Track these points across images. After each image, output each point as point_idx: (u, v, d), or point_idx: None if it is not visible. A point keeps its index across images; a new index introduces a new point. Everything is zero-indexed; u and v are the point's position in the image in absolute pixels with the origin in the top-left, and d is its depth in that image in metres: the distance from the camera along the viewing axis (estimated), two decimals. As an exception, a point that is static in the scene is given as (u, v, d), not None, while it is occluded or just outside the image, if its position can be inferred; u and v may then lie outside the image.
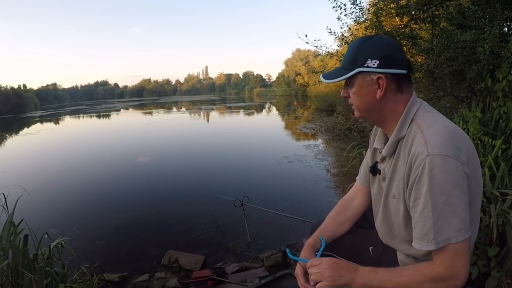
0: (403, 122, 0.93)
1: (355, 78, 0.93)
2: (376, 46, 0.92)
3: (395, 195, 0.95)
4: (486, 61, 2.80)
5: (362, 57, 0.91)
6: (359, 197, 1.22)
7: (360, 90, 0.94)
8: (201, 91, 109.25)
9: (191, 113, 24.34)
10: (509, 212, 1.68)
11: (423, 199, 0.82)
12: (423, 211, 0.82)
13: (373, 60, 0.90)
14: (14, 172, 6.85)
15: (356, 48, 0.94)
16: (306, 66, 47.33)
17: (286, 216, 3.38)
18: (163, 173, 6.29)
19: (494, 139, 2.33)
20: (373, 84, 0.92)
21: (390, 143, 0.96)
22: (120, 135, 13.21)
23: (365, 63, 0.91)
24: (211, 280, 2.31)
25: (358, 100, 0.96)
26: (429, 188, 0.80)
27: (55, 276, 1.84)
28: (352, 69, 0.92)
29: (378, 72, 0.90)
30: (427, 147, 0.82)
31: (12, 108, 41.74)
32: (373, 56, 0.90)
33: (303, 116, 17.23)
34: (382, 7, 4.08)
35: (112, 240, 3.42)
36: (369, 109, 0.96)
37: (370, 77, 0.91)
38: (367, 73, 0.91)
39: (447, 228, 0.79)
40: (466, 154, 0.83)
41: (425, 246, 0.82)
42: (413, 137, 0.89)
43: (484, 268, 1.76)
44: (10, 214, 1.90)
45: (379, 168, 1.06)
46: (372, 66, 0.90)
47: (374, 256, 1.12)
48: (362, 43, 0.93)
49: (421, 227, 0.83)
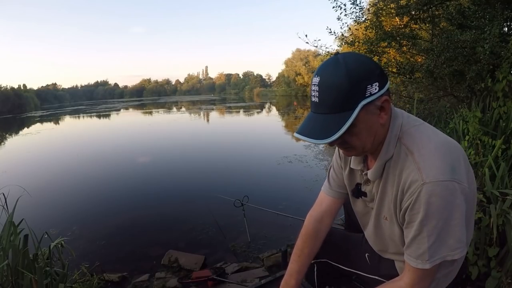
0: (389, 142, 0.83)
1: (358, 117, 0.74)
2: (363, 66, 0.75)
3: (387, 217, 0.90)
4: (486, 61, 2.80)
5: (360, 86, 0.73)
6: (328, 217, 1.11)
7: (366, 125, 0.77)
8: (201, 91, 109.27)
9: (191, 113, 24.34)
10: (509, 212, 1.68)
11: (418, 226, 0.77)
12: (418, 236, 0.78)
13: (373, 84, 0.74)
14: (14, 172, 6.84)
15: (344, 78, 0.73)
16: (306, 66, 47.39)
17: (286, 216, 3.38)
18: (163, 173, 6.29)
19: (494, 139, 2.33)
20: (377, 111, 0.77)
21: (377, 166, 0.86)
22: (120, 135, 13.21)
23: (366, 91, 0.73)
24: (211, 280, 2.31)
25: (365, 137, 0.79)
26: (425, 216, 0.75)
27: (55, 276, 1.84)
28: (353, 108, 0.73)
29: (382, 95, 0.76)
30: (421, 174, 0.75)
31: (12, 108, 41.79)
32: (371, 79, 0.74)
33: (303, 116, 17.21)
34: (382, 7, 4.08)
35: (112, 240, 3.42)
36: (375, 140, 0.82)
37: (374, 105, 0.76)
38: (371, 102, 0.75)
39: (443, 247, 0.77)
40: (463, 169, 0.78)
41: (420, 265, 0.79)
42: (403, 160, 0.81)
43: (484, 268, 1.75)
44: (10, 214, 1.90)
45: (363, 190, 0.97)
46: (375, 91, 0.74)
47: (371, 262, 1.10)
48: (346, 70, 0.73)
49: (416, 249, 0.79)
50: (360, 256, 1.13)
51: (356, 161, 0.96)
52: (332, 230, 1.24)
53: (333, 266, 1.20)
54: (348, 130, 0.74)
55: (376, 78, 0.75)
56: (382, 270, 1.07)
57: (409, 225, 0.81)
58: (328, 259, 1.21)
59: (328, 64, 0.77)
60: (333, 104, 0.74)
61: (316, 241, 1.10)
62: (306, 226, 1.12)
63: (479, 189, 1.91)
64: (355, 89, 0.73)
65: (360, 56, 0.79)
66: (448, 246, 0.77)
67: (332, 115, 0.74)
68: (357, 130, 0.77)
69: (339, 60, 0.75)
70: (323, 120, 0.76)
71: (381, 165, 0.86)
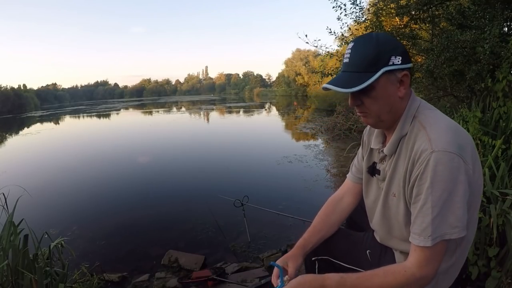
0: (405, 119, 0.90)
1: (378, 81, 0.84)
2: (391, 42, 0.86)
3: (395, 193, 0.94)
4: (486, 61, 2.80)
5: (385, 55, 0.83)
6: (349, 196, 1.20)
7: (384, 92, 0.86)
8: (201, 91, 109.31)
9: (191, 113, 24.34)
10: (509, 212, 1.68)
11: (424, 195, 0.81)
12: (423, 207, 0.81)
13: (397, 57, 0.84)
14: (14, 172, 6.85)
15: (373, 47, 0.84)
16: (306, 66, 47.35)
17: (286, 216, 3.38)
18: (163, 173, 6.30)
19: (494, 139, 2.33)
20: (397, 83, 0.86)
21: (392, 141, 0.93)
22: (120, 135, 13.21)
23: (389, 61, 0.83)
24: (211, 280, 2.31)
25: (381, 104, 0.87)
26: (431, 184, 0.79)
27: (55, 276, 1.84)
28: (376, 71, 0.83)
29: (403, 68, 0.85)
30: (431, 144, 0.80)
31: (12, 108, 41.80)
32: (395, 52, 0.84)
33: (303, 116, 17.23)
34: (382, 7, 4.08)
35: (112, 240, 3.42)
36: (389, 111, 0.89)
37: (395, 76, 0.85)
38: (392, 72, 0.84)
39: (444, 224, 0.79)
40: (469, 152, 0.82)
41: (422, 242, 0.81)
42: (415, 135, 0.87)
43: (484, 268, 1.75)
44: (10, 214, 1.90)
45: (378, 168, 1.03)
46: (397, 63, 0.84)
47: (372, 259, 1.11)
48: (376, 42, 0.85)
49: (420, 223, 0.82)
50: (361, 253, 1.14)
51: (376, 140, 1.03)
52: None
53: (334, 263, 1.21)
54: (367, 92, 0.85)
55: (400, 53, 0.85)
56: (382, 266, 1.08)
57: (416, 199, 0.84)
58: (330, 257, 1.21)
59: (363, 35, 0.90)
60: (360, 64, 0.85)
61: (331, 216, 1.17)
62: (324, 205, 1.21)
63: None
64: (380, 56, 0.83)
65: (390, 36, 0.91)
66: (448, 223, 0.79)
67: (357, 73, 0.85)
68: (375, 94, 0.86)
69: (372, 34, 0.89)
70: (349, 76, 0.86)
71: (396, 140, 0.92)
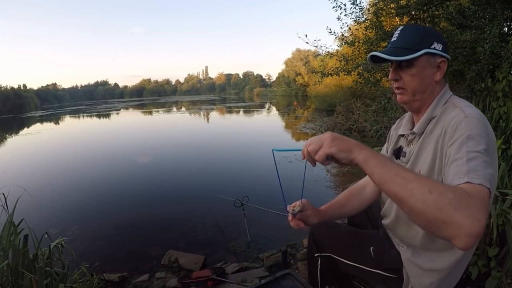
0: (437, 102, 0.95)
1: (419, 59, 0.92)
2: (436, 32, 0.96)
3: (421, 169, 0.93)
4: (486, 61, 2.80)
5: (429, 39, 0.92)
6: (371, 187, 1.20)
7: (422, 71, 0.93)
8: (201, 91, 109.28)
9: (191, 113, 24.33)
10: (509, 212, 1.68)
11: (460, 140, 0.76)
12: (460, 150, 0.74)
13: (439, 43, 0.93)
14: (14, 172, 6.84)
15: (420, 31, 0.94)
16: (306, 66, 47.33)
17: (286, 216, 3.37)
18: (163, 173, 6.29)
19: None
20: (434, 67, 0.94)
21: (423, 121, 0.97)
22: (120, 135, 13.20)
23: (432, 45, 0.92)
24: (211, 280, 2.31)
25: (417, 82, 0.94)
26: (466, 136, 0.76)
27: (55, 276, 1.84)
28: (419, 50, 0.91)
29: (443, 55, 0.93)
30: (464, 112, 0.84)
31: (12, 108, 41.79)
32: (438, 40, 0.93)
33: (303, 116, 17.21)
34: (382, 7, 4.07)
35: (112, 240, 3.42)
36: (424, 91, 0.96)
37: (434, 60, 0.94)
38: (432, 55, 0.93)
39: (482, 169, 0.68)
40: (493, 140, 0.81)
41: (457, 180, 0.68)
42: (447, 112, 0.90)
43: (484, 268, 1.76)
44: (10, 214, 1.90)
45: (404, 151, 1.06)
46: (438, 49, 0.92)
47: (375, 256, 1.11)
48: (423, 28, 0.96)
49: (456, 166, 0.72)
50: (365, 250, 1.15)
51: (405, 128, 1.08)
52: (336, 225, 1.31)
53: (336, 260, 1.21)
54: (407, 68, 0.94)
55: (442, 42, 0.93)
56: (386, 263, 1.08)
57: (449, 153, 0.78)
58: (332, 254, 1.22)
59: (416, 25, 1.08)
60: (407, 43, 0.93)
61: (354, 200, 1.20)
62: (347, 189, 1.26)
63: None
64: (425, 39, 0.92)
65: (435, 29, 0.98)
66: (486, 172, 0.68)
67: (403, 50, 0.92)
68: (414, 72, 0.93)
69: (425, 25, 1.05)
70: (393, 50, 0.93)
71: (426, 120, 0.97)
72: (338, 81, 13.95)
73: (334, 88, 15.42)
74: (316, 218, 1.05)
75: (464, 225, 0.57)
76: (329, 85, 15.79)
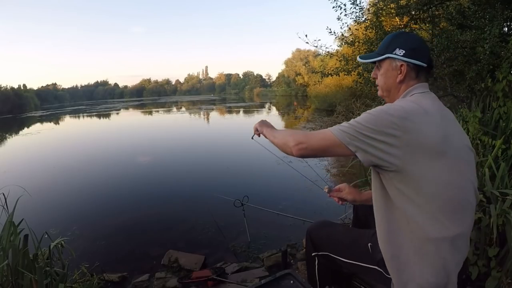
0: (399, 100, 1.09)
1: (384, 62, 1.12)
2: (407, 39, 1.10)
3: None
4: (486, 61, 2.80)
5: (393, 46, 1.10)
6: None
7: (386, 72, 1.13)
8: (201, 91, 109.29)
9: (191, 113, 24.33)
10: (509, 212, 1.68)
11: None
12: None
13: (401, 49, 1.08)
14: (14, 172, 6.85)
15: (390, 38, 1.13)
16: (306, 66, 47.37)
17: (286, 216, 3.38)
18: (163, 173, 6.29)
19: (494, 139, 2.33)
20: (397, 69, 1.10)
21: None
22: (120, 135, 13.21)
23: (394, 51, 1.09)
24: (211, 280, 2.30)
25: (383, 81, 1.15)
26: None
27: (55, 276, 1.84)
28: (383, 54, 1.11)
29: (402, 60, 1.08)
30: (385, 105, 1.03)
31: (12, 108, 41.72)
32: (402, 46, 1.08)
33: (303, 116, 17.22)
34: (382, 7, 4.07)
35: (112, 240, 3.42)
36: (389, 90, 1.14)
37: (396, 63, 1.10)
38: (394, 59, 1.10)
39: (338, 126, 1.00)
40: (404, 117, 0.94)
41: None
42: None
43: (484, 268, 1.76)
44: (10, 214, 1.90)
45: None
46: (399, 55, 1.08)
47: (372, 251, 1.13)
48: (397, 35, 1.13)
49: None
50: (362, 247, 1.17)
51: None
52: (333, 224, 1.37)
53: (334, 259, 1.25)
54: (377, 69, 1.16)
55: (405, 48, 1.08)
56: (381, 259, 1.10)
57: None
58: (330, 252, 1.26)
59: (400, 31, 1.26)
60: (379, 49, 1.15)
61: None
62: None
63: (479, 189, 1.90)
64: (390, 46, 1.11)
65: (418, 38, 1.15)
66: (338, 126, 1.00)
67: (376, 54, 1.15)
68: (382, 72, 1.14)
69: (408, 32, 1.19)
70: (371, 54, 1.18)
71: None
72: (338, 81, 13.96)
73: (334, 88, 15.43)
74: (350, 196, 1.37)
75: (289, 143, 1.04)
76: (329, 85, 15.80)
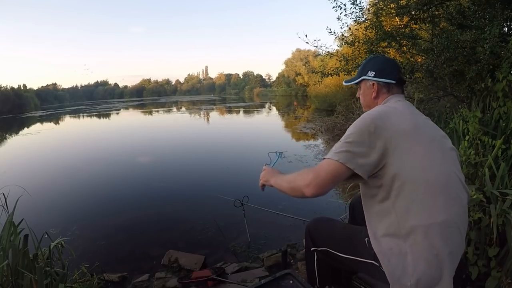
0: None
1: (362, 83, 1.35)
2: (377, 62, 1.32)
3: None
4: (486, 61, 2.80)
5: (366, 68, 1.31)
6: None
7: (363, 91, 1.34)
8: (201, 91, 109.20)
9: (191, 113, 24.33)
10: (509, 212, 1.68)
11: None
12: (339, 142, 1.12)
13: (372, 71, 1.29)
14: (14, 172, 6.84)
15: (365, 62, 1.35)
16: (306, 66, 47.32)
17: (286, 216, 3.38)
18: (163, 173, 6.29)
19: (494, 139, 2.33)
20: (370, 88, 1.30)
21: None
22: (120, 135, 13.21)
23: (367, 73, 1.30)
24: (211, 280, 2.30)
25: (362, 99, 1.36)
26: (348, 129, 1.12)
27: (55, 276, 1.84)
28: (360, 77, 1.33)
29: (373, 80, 1.29)
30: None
31: (12, 108, 41.67)
32: (372, 68, 1.29)
33: (303, 116, 17.22)
34: (382, 7, 4.07)
35: (112, 240, 3.42)
36: (368, 106, 1.33)
37: (369, 83, 1.31)
38: (367, 80, 1.31)
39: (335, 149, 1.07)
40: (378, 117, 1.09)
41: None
42: None
43: (484, 268, 1.76)
44: (10, 214, 1.90)
45: None
46: (370, 76, 1.29)
47: (369, 245, 1.14)
48: (369, 59, 1.36)
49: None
50: (360, 242, 1.19)
51: None
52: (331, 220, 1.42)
53: (333, 254, 1.28)
54: (359, 88, 1.37)
55: (375, 70, 1.28)
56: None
57: None
58: (328, 248, 1.29)
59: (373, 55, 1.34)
60: (358, 72, 1.37)
61: None
62: None
63: (479, 189, 1.91)
64: (364, 69, 1.33)
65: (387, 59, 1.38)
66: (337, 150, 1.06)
67: (356, 77, 1.37)
68: (361, 92, 1.36)
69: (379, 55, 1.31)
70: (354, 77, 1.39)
71: None
72: (338, 81, 13.94)
73: (334, 88, 15.41)
74: (263, 178, 1.50)
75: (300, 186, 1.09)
76: (329, 85, 15.78)
